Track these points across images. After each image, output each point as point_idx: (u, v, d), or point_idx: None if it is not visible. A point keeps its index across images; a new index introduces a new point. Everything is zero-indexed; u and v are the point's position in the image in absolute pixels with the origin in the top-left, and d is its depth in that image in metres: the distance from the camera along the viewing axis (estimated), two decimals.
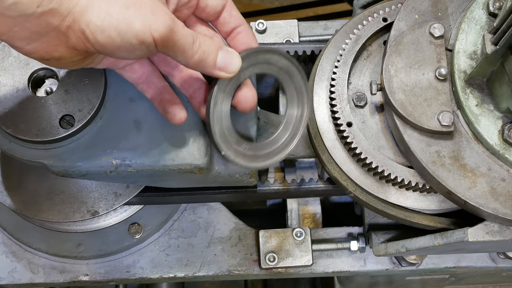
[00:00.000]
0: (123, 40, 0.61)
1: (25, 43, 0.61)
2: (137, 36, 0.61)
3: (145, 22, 0.61)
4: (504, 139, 0.76)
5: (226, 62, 0.69)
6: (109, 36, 0.60)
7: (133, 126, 0.79)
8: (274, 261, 1.03)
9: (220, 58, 0.69)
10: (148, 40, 0.61)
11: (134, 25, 0.60)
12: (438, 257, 1.07)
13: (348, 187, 0.87)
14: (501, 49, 0.71)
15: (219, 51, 0.69)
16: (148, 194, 0.98)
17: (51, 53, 0.63)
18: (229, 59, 0.69)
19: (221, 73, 0.69)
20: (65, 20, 0.60)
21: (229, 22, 0.75)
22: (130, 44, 0.61)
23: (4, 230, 1.07)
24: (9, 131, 0.77)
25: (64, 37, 0.61)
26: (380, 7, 0.90)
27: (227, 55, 0.69)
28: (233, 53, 0.70)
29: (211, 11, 0.74)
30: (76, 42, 0.62)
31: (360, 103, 0.86)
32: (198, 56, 0.67)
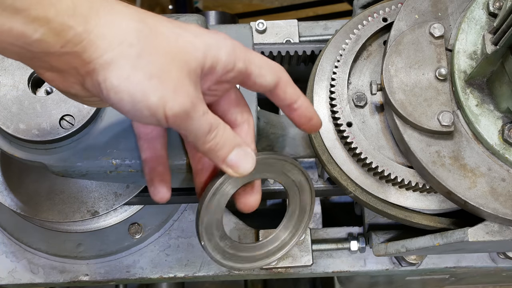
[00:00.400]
0: (134, 108, 0.59)
1: (43, 72, 0.60)
2: (149, 109, 0.58)
3: (163, 97, 0.58)
4: (504, 139, 0.76)
5: (237, 162, 0.66)
6: (122, 99, 0.58)
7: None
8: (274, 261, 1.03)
9: (233, 155, 0.65)
10: (159, 115, 0.59)
11: (149, 98, 0.58)
12: (438, 257, 1.07)
13: (348, 187, 0.87)
14: (501, 49, 0.71)
15: (235, 148, 0.66)
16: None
17: (67, 88, 0.61)
18: (242, 160, 0.66)
19: (228, 169, 0.66)
20: (86, 66, 0.58)
21: (284, 99, 0.69)
22: (141, 113, 0.59)
23: (4, 230, 1.07)
24: (9, 131, 0.77)
25: (81, 78, 0.60)
26: (380, 7, 0.90)
27: (242, 156, 0.66)
28: (249, 155, 0.67)
29: (260, 88, 0.68)
30: (91, 88, 0.60)
31: (360, 103, 0.86)
32: (209, 146, 0.64)
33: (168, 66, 0.59)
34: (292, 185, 0.77)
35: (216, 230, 0.74)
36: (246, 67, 0.65)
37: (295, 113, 0.71)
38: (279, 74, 0.68)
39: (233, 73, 0.65)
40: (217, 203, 0.72)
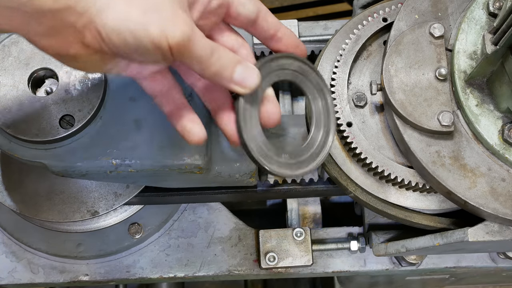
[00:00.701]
0: (138, 45, 0.60)
1: (41, 38, 0.61)
2: (152, 42, 0.60)
3: (162, 28, 0.60)
4: (504, 139, 0.76)
5: (243, 77, 0.67)
6: (124, 39, 0.60)
7: (133, 126, 0.79)
8: (274, 261, 1.03)
9: (237, 72, 0.67)
10: (163, 47, 0.60)
11: (150, 30, 0.59)
12: (438, 257, 1.07)
13: (348, 187, 0.87)
14: (501, 49, 0.71)
15: (238, 65, 0.67)
16: (148, 194, 0.98)
17: (67, 49, 0.62)
18: (247, 74, 0.67)
19: (236, 87, 0.68)
20: (81, 18, 0.59)
21: (268, 29, 0.72)
22: (145, 49, 0.60)
23: (4, 230, 1.07)
24: (9, 131, 0.77)
25: (79, 35, 0.61)
26: (380, 7, 0.90)
27: (245, 70, 0.67)
28: (252, 69, 0.68)
29: (244, 20, 0.71)
30: (91, 41, 0.61)
31: (360, 103, 0.86)
32: (215, 68, 0.65)
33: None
34: (296, 74, 0.75)
35: (269, 151, 0.72)
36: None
37: (280, 43, 0.73)
38: (258, 4, 0.71)
39: (216, 0, 0.68)
40: (251, 127, 0.71)
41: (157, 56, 0.62)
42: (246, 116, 0.70)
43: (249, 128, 0.71)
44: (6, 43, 0.81)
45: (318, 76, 0.76)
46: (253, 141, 0.71)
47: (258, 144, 0.71)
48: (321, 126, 0.76)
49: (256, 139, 0.71)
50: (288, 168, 0.73)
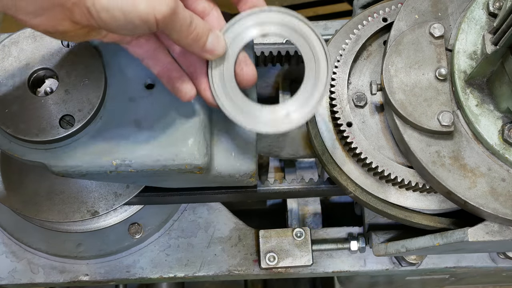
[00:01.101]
0: (126, 20, 0.62)
1: (31, 17, 0.62)
2: (140, 17, 0.62)
3: (149, 3, 0.62)
4: (504, 139, 0.76)
5: (213, 45, 0.71)
6: (113, 15, 0.62)
7: (133, 126, 0.79)
8: (274, 261, 1.03)
9: (209, 41, 0.71)
10: (150, 21, 0.63)
11: (139, 6, 0.61)
12: (438, 257, 1.07)
13: (348, 187, 0.87)
14: (501, 49, 0.71)
15: (210, 34, 0.71)
16: (148, 194, 0.98)
17: (56, 26, 0.64)
18: (216, 42, 0.71)
19: (207, 55, 0.72)
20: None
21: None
22: (133, 24, 0.63)
23: (4, 230, 1.07)
24: (9, 131, 0.77)
25: (68, 12, 0.62)
26: (380, 7, 0.90)
27: (215, 39, 0.71)
28: (220, 37, 0.72)
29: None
30: (80, 18, 0.63)
31: (360, 103, 0.86)
32: (192, 37, 0.69)
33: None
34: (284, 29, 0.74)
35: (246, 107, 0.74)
36: None
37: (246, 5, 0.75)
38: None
39: None
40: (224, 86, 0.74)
41: (143, 30, 0.64)
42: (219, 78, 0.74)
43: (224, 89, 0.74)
44: (6, 43, 0.81)
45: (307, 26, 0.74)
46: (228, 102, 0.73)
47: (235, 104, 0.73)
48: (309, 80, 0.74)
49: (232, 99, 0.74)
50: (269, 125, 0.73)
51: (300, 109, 0.73)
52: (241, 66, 0.75)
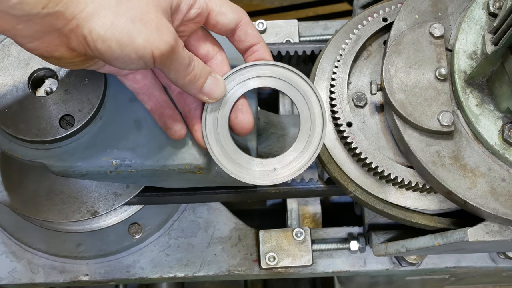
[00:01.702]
0: (122, 53, 0.61)
1: (27, 41, 0.62)
2: (137, 51, 0.61)
3: (148, 38, 0.61)
4: (504, 139, 0.76)
5: (211, 89, 0.71)
6: (109, 46, 0.61)
7: (133, 126, 0.79)
8: (274, 261, 1.03)
9: (207, 84, 0.71)
10: (147, 56, 0.62)
11: (136, 40, 0.61)
12: (438, 257, 1.07)
13: (348, 187, 0.87)
14: (501, 49, 0.71)
15: (209, 76, 0.71)
16: (148, 194, 0.98)
17: (52, 52, 0.63)
18: (215, 86, 0.71)
19: (204, 97, 0.72)
20: (69, 24, 0.60)
21: (245, 40, 0.75)
22: (129, 58, 0.62)
23: (4, 230, 1.07)
24: (9, 131, 0.77)
25: (65, 39, 0.62)
26: (380, 7, 0.90)
27: (214, 82, 0.71)
28: (220, 81, 0.72)
29: (222, 28, 0.74)
30: (77, 46, 0.62)
31: (360, 103, 0.86)
32: (189, 78, 0.68)
33: (146, 8, 0.62)
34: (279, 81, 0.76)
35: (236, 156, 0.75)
36: (206, 3, 0.70)
37: (252, 56, 0.76)
38: (240, 14, 0.73)
39: (196, 9, 0.69)
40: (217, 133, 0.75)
41: (139, 65, 0.63)
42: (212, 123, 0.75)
43: (215, 135, 0.74)
44: (6, 43, 0.81)
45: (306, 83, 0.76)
46: (217, 147, 0.74)
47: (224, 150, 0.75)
48: (302, 141, 0.76)
49: (222, 145, 0.75)
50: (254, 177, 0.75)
51: (287, 167, 0.75)
52: (236, 114, 0.76)
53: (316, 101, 0.76)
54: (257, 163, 0.75)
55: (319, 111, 0.75)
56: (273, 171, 0.75)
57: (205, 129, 0.75)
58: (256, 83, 0.76)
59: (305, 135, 0.75)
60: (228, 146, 0.75)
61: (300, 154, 0.75)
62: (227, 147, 0.75)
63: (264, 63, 0.76)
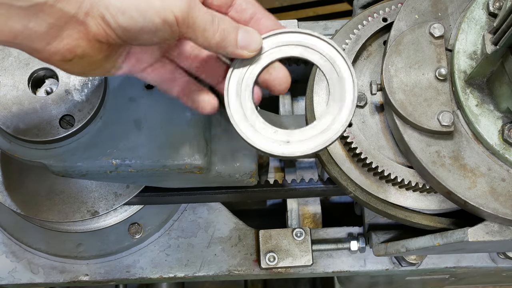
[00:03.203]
0: (146, 20, 0.59)
1: (45, 43, 0.59)
2: (158, 14, 0.59)
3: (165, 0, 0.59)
4: (504, 139, 0.76)
5: (247, 40, 0.67)
6: (131, 17, 0.59)
7: (133, 126, 0.79)
8: (274, 261, 1.03)
9: (241, 36, 0.66)
10: (170, 18, 0.60)
11: (154, 3, 0.59)
12: (438, 257, 1.07)
13: (348, 187, 0.87)
14: (501, 49, 0.71)
15: (239, 30, 0.66)
16: (148, 194, 0.98)
17: (74, 50, 0.60)
18: (249, 37, 0.67)
19: (243, 52, 0.67)
20: (82, 6, 0.58)
21: (246, 9, 0.70)
22: (153, 24, 0.59)
23: (4, 230, 1.07)
24: (9, 131, 0.77)
25: (83, 28, 0.59)
26: (380, 7, 0.90)
27: (248, 34, 0.67)
28: (253, 31, 0.68)
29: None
30: (97, 31, 0.60)
31: (360, 103, 0.86)
32: (219, 34, 0.64)
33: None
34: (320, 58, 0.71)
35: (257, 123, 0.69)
36: None
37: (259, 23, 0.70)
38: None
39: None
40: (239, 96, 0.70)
41: (165, 31, 0.61)
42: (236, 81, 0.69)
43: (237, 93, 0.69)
44: None
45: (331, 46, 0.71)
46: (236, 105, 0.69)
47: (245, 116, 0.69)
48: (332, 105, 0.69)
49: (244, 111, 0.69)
50: (277, 145, 0.68)
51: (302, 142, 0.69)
52: (270, 71, 0.70)
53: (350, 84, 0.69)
54: (272, 130, 0.69)
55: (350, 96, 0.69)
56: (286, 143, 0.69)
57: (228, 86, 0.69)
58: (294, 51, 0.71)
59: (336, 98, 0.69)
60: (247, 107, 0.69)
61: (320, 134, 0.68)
62: (246, 107, 0.69)
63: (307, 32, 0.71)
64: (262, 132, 0.69)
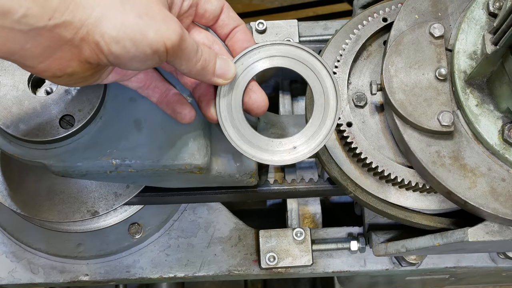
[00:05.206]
0: (138, 50, 0.61)
1: (38, 62, 0.60)
2: (151, 46, 0.61)
3: (158, 31, 0.61)
4: (504, 139, 0.76)
5: (223, 70, 0.71)
6: (124, 46, 0.60)
7: (133, 126, 0.79)
8: (274, 261, 1.03)
9: (218, 65, 0.71)
10: (161, 50, 0.62)
11: (148, 34, 0.60)
12: (438, 257, 1.07)
13: (348, 187, 0.87)
14: (501, 49, 0.71)
15: (217, 59, 0.71)
16: (148, 194, 0.98)
17: (64, 69, 0.62)
18: (225, 66, 0.72)
19: (219, 80, 0.72)
20: (79, 33, 0.59)
21: (228, 24, 0.76)
22: (144, 54, 0.61)
23: (4, 230, 1.07)
24: (9, 131, 0.77)
25: (77, 51, 0.61)
26: (380, 7, 0.90)
27: (224, 63, 0.71)
28: (228, 60, 0.73)
29: (210, 16, 0.75)
30: (89, 55, 0.61)
31: (360, 103, 0.86)
32: (201, 63, 0.68)
33: (148, 3, 0.62)
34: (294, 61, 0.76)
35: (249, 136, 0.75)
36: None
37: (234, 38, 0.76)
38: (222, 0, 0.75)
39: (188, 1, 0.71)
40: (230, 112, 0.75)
41: (154, 60, 0.63)
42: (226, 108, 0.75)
43: (231, 120, 0.74)
44: None
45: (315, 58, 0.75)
46: (234, 133, 0.74)
47: (241, 135, 0.74)
48: (318, 115, 0.75)
49: (239, 130, 0.74)
50: (278, 156, 0.75)
51: (306, 143, 0.75)
52: (249, 95, 0.76)
53: (327, 75, 0.75)
54: (277, 143, 0.75)
55: (331, 85, 0.75)
56: (293, 149, 0.75)
57: (220, 115, 0.75)
58: (265, 64, 0.76)
59: (320, 110, 0.75)
60: (245, 130, 0.75)
61: (318, 129, 0.75)
62: (244, 131, 0.75)
63: (270, 43, 0.75)
64: (270, 148, 0.75)
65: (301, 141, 0.75)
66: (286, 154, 0.75)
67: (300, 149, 0.75)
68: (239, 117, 0.75)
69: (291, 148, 0.75)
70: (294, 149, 0.75)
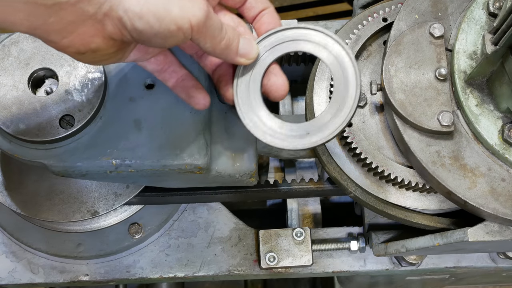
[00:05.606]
0: (161, 27, 0.60)
1: (61, 37, 0.60)
2: (175, 22, 0.60)
3: (183, 7, 0.60)
4: (504, 139, 0.76)
5: (246, 49, 0.70)
6: (147, 22, 0.60)
7: (133, 126, 0.79)
8: (274, 261, 1.03)
9: (241, 44, 0.70)
10: (185, 26, 0.61)
11: (173, 11, 0.60)
12: (438, 257, 1.07)
13: (348, 187, 0.87)
14: (501, 49, 0.71)
15: (240, 38, 0.70)
16: (148, 194, 0.98)
17: (88, 44, 0.62)
18: (248, 46, 0.70)
19: (241, 59, 0.71)
20: (102, 8, 0.59)
21: (255, 6, 0.74)
22: (168, 31, 0.61)
23: (4, 230, 1.07)
24: (9, 131, 0.77)
25: (100, 26, 0.60)
26: (380, 7, 0.90)
27: (247, 42, 0.70)
28: (251, 40, 0.71)
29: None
30: (113, 31, 0.61)
31: (360, 103, 0.86)
32: (225, 42, 0.67)
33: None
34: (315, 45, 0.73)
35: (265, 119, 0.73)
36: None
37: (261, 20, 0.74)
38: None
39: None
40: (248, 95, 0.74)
41: (178, 38, 0.62)
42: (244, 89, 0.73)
43: (247, 100, 0.73)
44: (6, 43, 0.81)
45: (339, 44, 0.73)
46: (246, 107, 0.73)
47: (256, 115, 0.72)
48: (335, 101, 0.72)
49: (253, 109, 0.73)
50: (287, 142, 0.72)
51: (320, 130, 0.72)
52: (269, 77, 0.74)
53: (349, 63, 0.72)
54: (289, 127, 0.72)
55: (352, 73, 0.72)
56: (306, 135, 0.72)
57: (237, 95, 0.73)
58: (288, 47, 0.74)
59: (339, 97, 0.71)
60: (260, 111, 0.73)
61: (333, 117, 0.71)
62: (259, 111, 0.73)
63: (295, 26, 0.74)
64: (283, 132, 0.72)
65: (314, 127, 0.72)
66: (298, 139, 0.72)
67: (313, 136, 0.71)
68: (256, 98, 0.73)
69: (304, 134, 0.72)
70: (307, 135, 0.72)
